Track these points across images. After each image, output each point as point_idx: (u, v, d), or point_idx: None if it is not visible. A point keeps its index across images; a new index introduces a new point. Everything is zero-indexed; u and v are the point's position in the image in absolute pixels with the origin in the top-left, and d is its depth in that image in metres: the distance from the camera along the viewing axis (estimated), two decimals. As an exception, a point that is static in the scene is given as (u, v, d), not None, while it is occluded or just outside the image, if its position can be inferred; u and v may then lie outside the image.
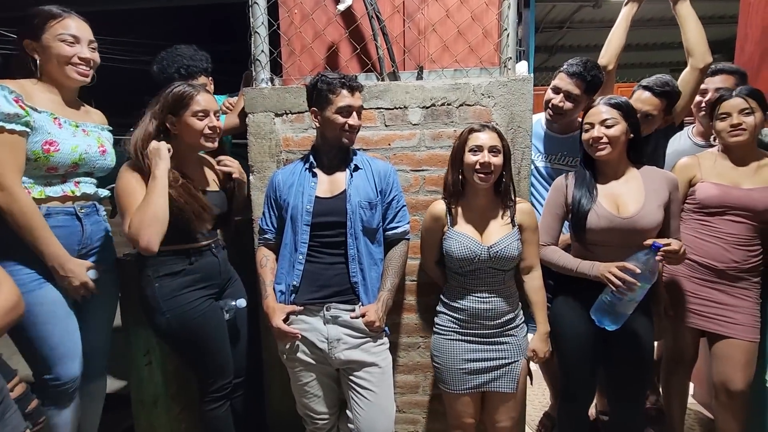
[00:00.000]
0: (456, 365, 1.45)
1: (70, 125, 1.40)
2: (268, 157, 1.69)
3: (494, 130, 1.40)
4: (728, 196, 1.57)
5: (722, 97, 1.59)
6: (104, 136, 1.53)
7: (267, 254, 1.53)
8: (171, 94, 1.39)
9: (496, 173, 1.39)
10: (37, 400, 1.20)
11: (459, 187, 1.44)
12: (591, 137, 1.43)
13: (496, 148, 1.38)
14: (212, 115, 1.42)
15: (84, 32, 1.39)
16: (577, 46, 8.01)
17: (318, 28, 1.73)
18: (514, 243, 1.41)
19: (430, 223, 1.49)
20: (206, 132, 1.41)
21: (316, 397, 1.48)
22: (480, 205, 1.46)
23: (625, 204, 1.43)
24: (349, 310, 1.42)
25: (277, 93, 1.65)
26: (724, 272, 1.58)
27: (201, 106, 1.39)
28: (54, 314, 1.32)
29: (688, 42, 1.77)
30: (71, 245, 1.38)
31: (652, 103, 1.75)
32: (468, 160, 1.39)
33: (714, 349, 1.62)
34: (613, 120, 1.41)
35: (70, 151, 1.36)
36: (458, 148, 1.43)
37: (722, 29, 5.54)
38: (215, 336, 1.48)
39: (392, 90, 1.63)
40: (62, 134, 1.35)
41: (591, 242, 1.46)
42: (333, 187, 1.45)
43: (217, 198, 1.51)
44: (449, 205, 1.47)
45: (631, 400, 1.53)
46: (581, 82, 1.70)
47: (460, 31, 1.70)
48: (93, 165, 1.45)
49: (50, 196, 1.35)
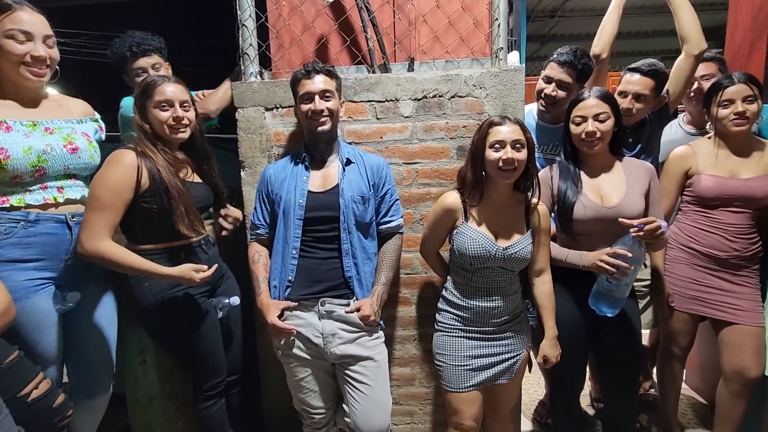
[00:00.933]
0: (460, 362, 1.41)
1: (24, 126, 1.28)
2: (259, 152, 1.67)
3: (516, 123, 1.31)
4: (726, 187, 1.56)
5: (723, 84, 1.56)
6: (80, 129, 1.41)
7: (259, 250, 1.52)
8: (138, 86, 1.36)
9: (520, 169, 1.31)
10: (64, 395, 1.22)
11: (480, 184, 1.36)
12: (585, 132, 1.41)
13: (520, 143, 1.29)
14: (177, 105, 1.36)
15: (38, 27, 1.25)
16: (569, 35, 7.98)
17: (307, 20, 1.71)
18: (529, 245, 1.37)
19: (441, 215, 1.41)
20: (170, 123, 1.35)
21: (312, 392, 1.48)
22: (497, 202, 1.38)
23: (609, 194, 1.44)
24: (343, 304, 1.42)
25: (267, 87, 1.63)
26: (726, 261, 1.59)
27: (164, 96, 1.34)
28: (41, 323, 1.30)
29: (682, 29, 1.76)
30: (58, 253, 1.33)
31: (641, 83, 1.75)
32: (489, 157, 1.30)
33: (722, 337, 1.62)
34: (605, 114, 1.40)
35: (23, 155, 1.24)
36: (478, 143, 1.34)
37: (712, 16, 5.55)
38: (207, 335, 1.45)
39: (383, 82, 1.61)
40: (10, 138, 1.24)
41: (577, 232, 1.46)
42: (325, 182, 1.44)
43: (201, 190, 1.47)
44: (464, 198, 1.39)
45: (624, 387, 1.54)
46: (572, 70, 1.70)
47: (450, 21, 1.68)
48: (65, 165, 1.33)
49: (30, 204, 1.28)
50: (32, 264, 1.29)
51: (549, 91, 1.75)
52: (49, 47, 1.29)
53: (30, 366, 1.17)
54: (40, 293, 1.30)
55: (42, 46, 1.26)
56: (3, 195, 1.27)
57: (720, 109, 1.57)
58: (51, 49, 1.30)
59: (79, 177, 1.41)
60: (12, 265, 1.26)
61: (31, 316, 1.27)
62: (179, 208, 1.33)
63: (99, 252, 1.26)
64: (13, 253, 1.26)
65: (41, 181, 1.31)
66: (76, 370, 1.45)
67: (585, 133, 1.41)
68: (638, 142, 1.85)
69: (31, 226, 1.28)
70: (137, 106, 1.36)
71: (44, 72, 1.30)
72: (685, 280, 1.66)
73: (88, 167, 1.40)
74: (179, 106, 1.36)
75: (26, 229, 1.27)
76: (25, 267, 1.27)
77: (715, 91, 1.58)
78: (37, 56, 1.25)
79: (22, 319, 1.24)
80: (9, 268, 1.25)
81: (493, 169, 1.32)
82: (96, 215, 1.27)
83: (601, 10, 1.92)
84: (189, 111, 1.40)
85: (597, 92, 1.43)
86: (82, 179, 1.42)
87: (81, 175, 1.41)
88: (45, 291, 1.31)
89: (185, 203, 1.35)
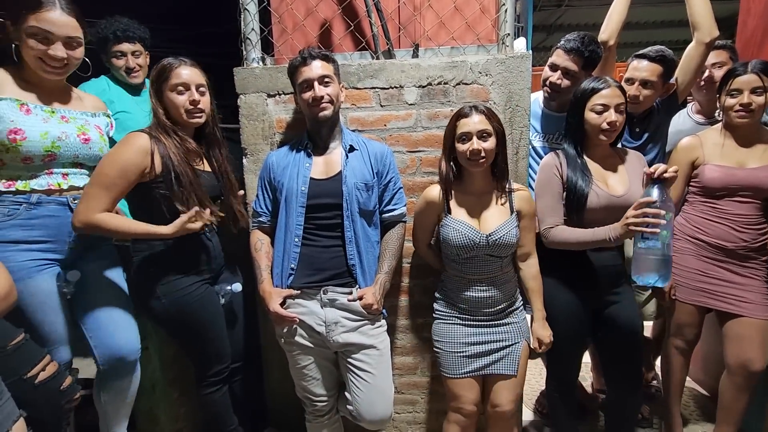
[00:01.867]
0: (456, 349, 1.44)
1: (43, 111, 1.33)
2: (261, 139, 1.65)
3: (482, 112, 1.33)
4: (733, 177, 1.54)
5: (735, 71, 1.53)
6: (94, 122, 1.44)
7: (261, 237, 1.51)
8: (155, 68, 1.35)
9: (489, 158, 1.34)
10: (71, 377, 1.25)
11: (453, 175, 1.41)
12: (607, 121, 1.38)
13: (486, 132, 1.32)
14: (193, 88, 1.35)
15: (63, 29, 1.27)
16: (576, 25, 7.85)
17: (310, 4, 1.68)
18: (513, 230, 1.38)
19: (424, 208, 1.45)
20: (187, 107, 1.35)
21: (315, 380, 1.48)
22: (476, 190, 1.42)
23: (613, 183, 1.44)
24: (346, 293, 1.41)
25: (269, 73, 1.61)
26: (734, 251, 1.57)
27: (180, 78, 1.33)
28: (44, 304, 1.31)
29: (693, 16, 1.72)
30: (61, 235, 1.35)
31: (649, 69, 1.72)
32: (459, 149, 1.35)
33: (726, 329, 1.61)
34: (624, 105, 1.40)
35: (39, 138, 1.28)
36: (448, 136, 1.38)
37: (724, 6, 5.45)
38: (212, 321, 1.46)
39: (387, 69, 1.59)
40: (29, 121, 1.29)
41: (589, 221, 1.44)
42: (328, 169, 1.42)
43: (211, 179, 1.47)
44: (445, 190, 1.42)
45: (628, 378, 1.54)
46: (579, 58, 1.66)
47: (456, 6, 1.65)
48: (75, 154, 1.37)
49: (35, 189, 1.30)
50: (35, 245, 1.31)
51: (554, 79, 1.71)
52: (71, 48, 1.31)
53: (36, 348, 1.19)
54: (43, 274, 1.31)
55: (61, 48, 1.28)
56: (10, 179, 1.30)
57: (728, 97, 1.54)
58: (73, 51, 1.31)
59: (86, 167, 1.43)
60: (15, 245, 1.28)
61: (35, 296, 1.28)
62: (192, 198, 1.33)
63: (94, 222, 1.26)
64: (16, 234, 1.28)
65: (49, 167, 1.34)
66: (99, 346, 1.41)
67: (607, 122, 1.38)
68: (645, 131, 1.82)
69: (34, 208, 1.30)
70: (153, 90, 1.37)
71: (60, 71, 1.32)
72: (692, 271, 1.65)
73: (96, 158, 1.42)
74: (195, 89, 1.36)
75: (29, 211, 1.30)
76: (28, 248, 1.29)
77: (727, 79, 1.55)
78: (53, 56, 1.28)
79: (26, 299, 1.25)
80: (12, 249, 1.27)
81: (463, 160, 1.36)
82: (98, 190, 1.27)
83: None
84: (205, 95, 1.39)
85: (617, 83, 1.41)
86: (88, 169, 1.44)
87: (87, 165, 1.43)
88: (48, 272, 1.33)
89: (197, 191, 1.35)
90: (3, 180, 1.29)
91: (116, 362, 1.41)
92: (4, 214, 1.27)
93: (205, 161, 1.48)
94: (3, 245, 1.26)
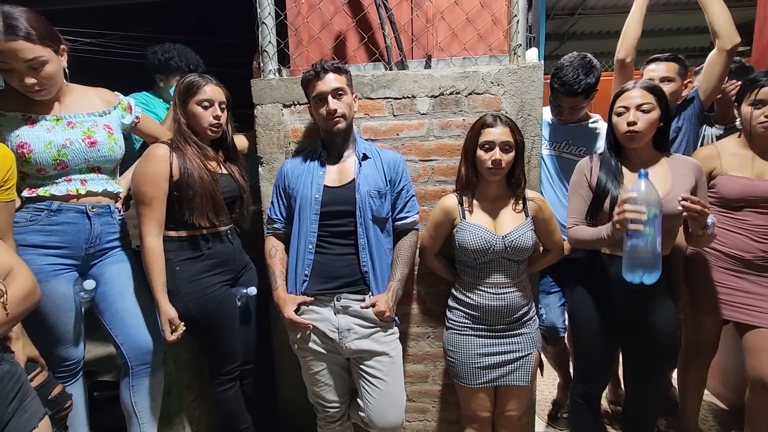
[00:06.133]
0: (471, 360, 1.44)
1: (48, 120, 1.34)
2: (277, 148, 1.69)
3: (507, 124, 1.37)
4: (752, 188, 1.52)
5: (759, 82, 1.48)
6: (102, 122, 1.42)
7: (276, 244, 1.54)
8: (182, 83, 1.47)
9: (507, 168, 1.38)
10: (61, 386, 1.26)
11: (472, 180, 1.44)
12: (627, 121, 1.35)
13: (509, 144, 1.36)
14: (216, 105, 1.48)
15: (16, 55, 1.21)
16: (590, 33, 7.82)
17: (325, 17, 1.72)
18: (529, 233, 1.40)
19: (440, 217, 1.48)
20: (211, 122, 1.47)
21: (327, 386, 1.49)
22: (492, 196, 1.45)
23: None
24: (359, 300, 1.43)
25: (285, 84, 1.65)
26: (752, 262, 1.54)
27: (206, 95, 1.46)
28: (59, 307, 1.35)
29: (713, 23, 1.70)
30: (79, 243, 1.38)
31: (665, 67, 1.76)
32: (480, 157, 1.38)
33: (745, 342, 1.57)
34: (649, 105, 1.35)
35: (44, 149, 1.30)
36: (470, 142, 1.41)
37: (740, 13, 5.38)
38: (229, 321, 1.53)
39: (400, 79, 1.62)
40: (34, 133, 1.30)
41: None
42: (342, 177, 1.45)
43: (230, 182, 1.54)
44: (461, 196, 1.46)
45: (647, 381, 1.51)
46: (577, 95, 1.71)
47: (468, 18, 1.68)
48: (85, 158, 1.37)
49: (54, 195, 1.35)
50: (54, 251, 1.35)
51: (563, 117, 1.82)
52: (35, 70, 1.25)
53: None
54: (59, 278, 1.35)
55: (27, 76, 1.25)
56: (33, 187, 1.35)
57: (753, 109, 1.49)
58: (39, 72, 1.26)
59: (104, 170, 1.45)
60: (34, 249, 1.32)
61: (50, 299, 1.32)
62: (196, 197, 1.41)
63: (146, 246, 1.39)
64: (36, 238, 1.33)
65: (65, 174, 1.37)
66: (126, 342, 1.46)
67: (627, 122, 1.36)
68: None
69: (54, 215, 1.35)
70: (179, 100, 1.47)
71: (43, 92, 1.30)
72: (708, 283, 1.62)
73: (108, 160, 1.43)
74: (218, 105, 1.49)
75: (49, 217, 1.34)
76: (46, 253, 1.34)
77: (749, 88, 1.51)
78: (25, 86, 1.26)
79: (42, 301, 1.26)
80: (31, 253, 1.31)
81: (482, 168, 1.40)
82: (145, 210, 1.39)
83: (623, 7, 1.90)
84: (224, 111, 1.52)
85: (642, 83, 1.38)
86: (107, 172, 1.46)
87: (105, 168, 1.45)
88: (65, 276, 1.37)
89: (206, 193, 1.42)
90: (27, 187, 1.35)
91: (145, 356, 1.46)
92: (26, 219, 1.32)
93: (223, 166, 1.56)
94: (23, 248, 1.29)
